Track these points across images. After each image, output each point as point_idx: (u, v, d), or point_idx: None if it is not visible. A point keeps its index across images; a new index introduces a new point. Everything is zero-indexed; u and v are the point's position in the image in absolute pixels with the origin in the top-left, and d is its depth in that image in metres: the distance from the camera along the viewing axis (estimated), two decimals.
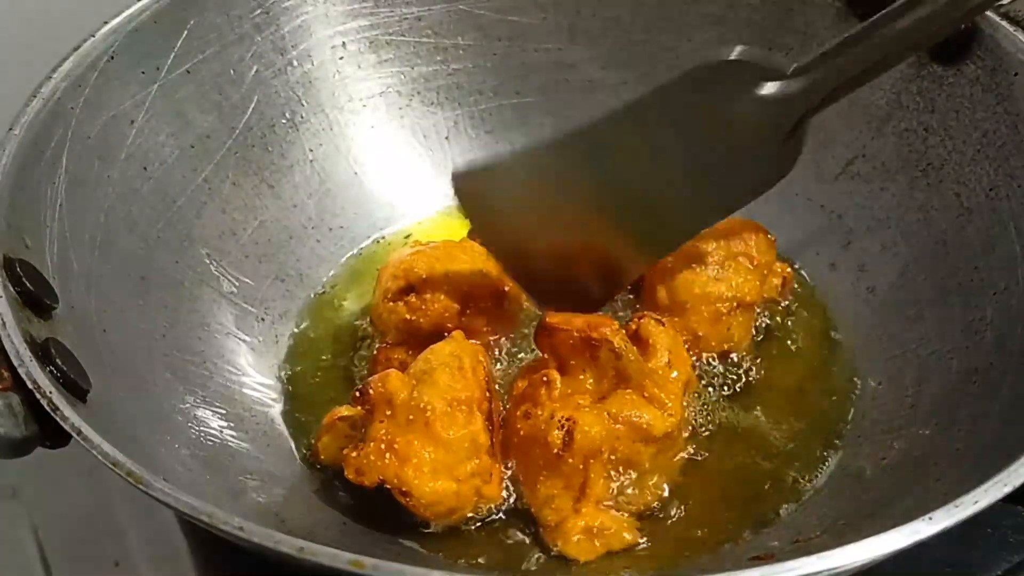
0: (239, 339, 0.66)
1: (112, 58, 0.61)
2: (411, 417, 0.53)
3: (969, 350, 0.59)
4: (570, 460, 0.54)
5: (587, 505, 0.55)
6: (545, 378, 0.56)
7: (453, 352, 0.56)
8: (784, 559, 0.40)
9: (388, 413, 0.53)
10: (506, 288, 0.64)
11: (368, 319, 0.67)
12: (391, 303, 0.62)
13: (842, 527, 0.54)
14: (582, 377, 0.57)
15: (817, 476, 0.60)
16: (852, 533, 0.42)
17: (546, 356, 0.58)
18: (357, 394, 0.55)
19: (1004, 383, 0.55)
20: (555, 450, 0.54)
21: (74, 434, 0.45)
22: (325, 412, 0.64)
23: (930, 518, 0.41)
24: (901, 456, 0.57)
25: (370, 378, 0.55)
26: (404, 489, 0.52)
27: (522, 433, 0.56)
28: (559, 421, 0.54)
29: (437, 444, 0.53)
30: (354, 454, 0.53)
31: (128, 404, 0.53)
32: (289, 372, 0.66)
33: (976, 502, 0.42)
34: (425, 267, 0.62)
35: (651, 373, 0.56)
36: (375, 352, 0.64)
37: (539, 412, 0.55)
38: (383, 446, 0.52)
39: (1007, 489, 0.43)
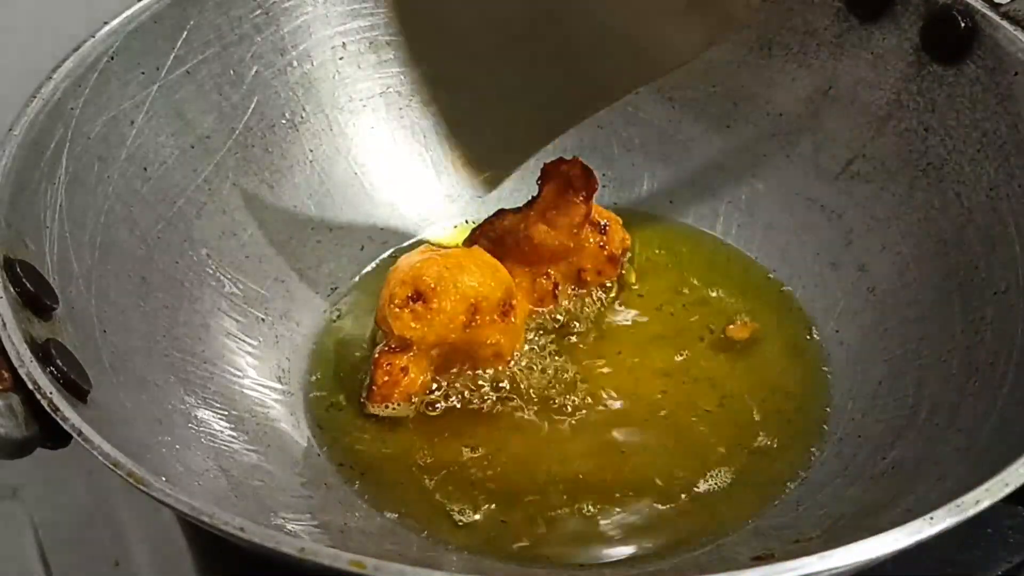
0: (240, 340, 0.65)
1: (112, 58, 0.61)
2: None
3: (969, 350, 0.59)
4: None
5: None
6: None
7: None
8: (784, 559, 0.40)
9: None
10: (514, 302, 0.64)
11: (372, 320, 0.67)
12: (397, 309, 0.62)
13: (842, 527, 0.54)
14: None
15: (817, 476, 0.60)
16: (852, 533, 0.42)
17: None
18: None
19: (1004, 383, 0.55)
20: None
21: (74, 434, 0.45)
22: (326, 414, 0.64)
23: (931, 518, 0.41)
24: (901, 456, 0.57)
25: None
26: None
27: None
28: None
29: None
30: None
31: (128, 404, 0.53)
32: (290, 373, 0.66)
33: (978, 502, 0.42)
34: (434, 275, 0.62)
35: None
36: (376, 355, 0.64)
37: None
38: None
39: (1008, 489, 0.43)
